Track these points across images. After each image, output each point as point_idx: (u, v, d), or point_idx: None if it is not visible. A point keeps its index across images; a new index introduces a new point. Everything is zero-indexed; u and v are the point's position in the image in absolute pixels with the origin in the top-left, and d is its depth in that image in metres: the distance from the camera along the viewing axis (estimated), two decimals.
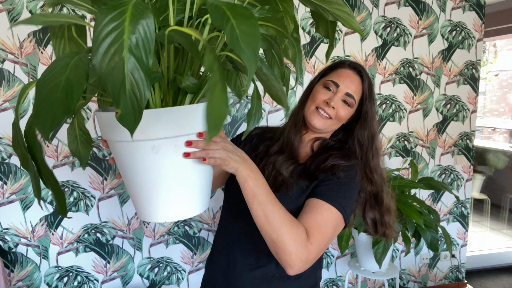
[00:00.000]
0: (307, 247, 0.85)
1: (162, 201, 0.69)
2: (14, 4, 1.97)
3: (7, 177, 2.07)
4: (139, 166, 0.67)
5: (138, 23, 0.45)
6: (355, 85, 1.04)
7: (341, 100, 1.02)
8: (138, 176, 0.68)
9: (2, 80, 2.00)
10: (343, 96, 1.02)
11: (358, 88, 1.04)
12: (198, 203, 0.73)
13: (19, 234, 2.10)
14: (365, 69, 1.08)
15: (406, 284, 2.80)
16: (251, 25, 0.46)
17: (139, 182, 0.68)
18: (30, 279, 2.15)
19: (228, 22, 0.46)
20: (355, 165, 1.03)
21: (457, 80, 2.70)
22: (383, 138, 2.61)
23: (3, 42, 1.98)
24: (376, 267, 2.09)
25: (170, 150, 0.66)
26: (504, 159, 4.60)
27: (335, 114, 1.02)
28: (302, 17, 2.37)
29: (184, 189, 0.70)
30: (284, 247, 0.83)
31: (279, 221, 0.83)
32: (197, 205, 0.73)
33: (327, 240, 0.91)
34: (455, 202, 2.80)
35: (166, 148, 0.65)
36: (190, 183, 0.71)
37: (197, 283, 2.38)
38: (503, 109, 7.34)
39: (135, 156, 0.66)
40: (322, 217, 0.91)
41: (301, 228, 0.87)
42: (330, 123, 1.03)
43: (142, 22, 0.45)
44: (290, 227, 0.84)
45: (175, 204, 0.70)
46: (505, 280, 3.07)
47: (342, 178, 0.98)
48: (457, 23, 2.64)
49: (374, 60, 2.52)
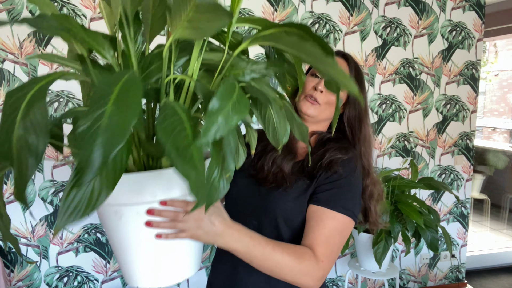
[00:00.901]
0: (319, 268, 0.86)
1: (139, 266, 0.64)
2: (14, 4, 1.97)
3: (7, 177, 2.07)
4: (109, 229, 0.64)
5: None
6: (341, 68, 1.04)
7: None
8: (111, 238, 0.65)
9: (2, 80, 2.00)
10: None
11: (345, 70, 1.04)
12: (182, 269, 0.66)
13: (19, 234, 2.10)
14: (352, 57, 1.08)
15: (406, 284, 2.80)
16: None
17: (113, 244, 0.66)
18: (30, 279, 2.15)
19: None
20: (353, 158, 1.01)
21: (457, 80, 2.70)
22: (383, 138, 2.61)
23: (3, 42, 1.98)
24: (376, 267, 2.09)
25: (133, 218, 0.61)
26: (504, 159, 4.60)
27: (325, 98, 1.01)
28: (302, 17, 2.37)
29: (160, 256, 0.64)
30: (300, 282, 0.84)
31: (286, 267, 0.82)
32: (180, 271, 0.66)
33: (337, 250, 0.91)
34: (455, 202, 2.80)
35: (128, 215, 0.61)
36: (166, 250, 0.65)
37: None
38: (503, 109, 7.34)
39: (103, 219, 0.64)
40: (328, 229, 0.90)
41: (307, 255, 0.86)
42: (320, 108, 1.01)
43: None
44: (298, 264, 0.83)
45: (154, 270, 0.65)
46: (505, 280, 3.07)
47: (342, 175, 0.96)
48: (457, 23, 2.64)
49: (374, 60, 2.52)
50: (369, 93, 2.54)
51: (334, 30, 2.43)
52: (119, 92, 0.42)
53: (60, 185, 2.14)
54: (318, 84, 1.00)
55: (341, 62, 1.05)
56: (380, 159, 2.62)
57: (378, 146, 2.61)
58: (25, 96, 0.44)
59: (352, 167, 0.99)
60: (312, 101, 1.01)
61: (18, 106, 0.43)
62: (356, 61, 1.08)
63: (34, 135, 0.42)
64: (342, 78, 0.45)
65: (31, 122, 0.43)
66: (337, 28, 2.43)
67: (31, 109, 0.43)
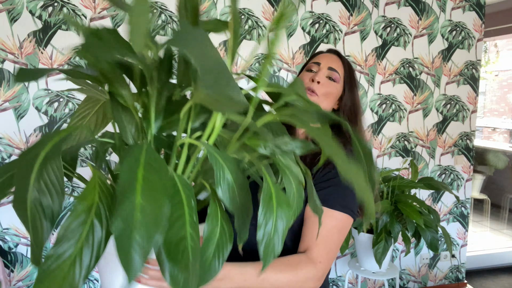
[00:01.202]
0: (318, 269, 0.86)
1: None
2: (14, 4, 1.97)
3: None
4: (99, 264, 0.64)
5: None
6: (335, 62, 1.05)
7: (325, 77, 1.03)
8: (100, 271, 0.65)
9: (2, 80, 2.00)
10: (327, 71, 1.03)
11: (339, 64, 1.06)
12: None
13: (19, 234, 2.10)
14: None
15: (406, 284, 2.80)
16: None
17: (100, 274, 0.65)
18: (30, 279, 2.15)
19: None
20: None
21: (457, 80, 2.70)
22: (383, 138, 2.61)
23: (3, 42, 1.98)
24: (376, 267, 2.09)
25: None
26: (504, 159, 4.60)
27: (322, 89, 1.02)
28: (302, 17, 2.37)
29: None
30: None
31: (284, 284, 0.83)
32: None
33: (335, 248, 0.91)
34: (455, 202, 2.80)
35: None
36: None
37: None
38: (503, 109, 7.34)
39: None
40: (325, 229, 0.90)
41: (302, 263, 0.86)
42: (319, 100, 1.02)
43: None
44: (294, 276, 0.83)
45: None
46: (505, 280, 3.07)
47: (338, 173, 0.96)
48: (457, 23, 2.64)
49: (374, 60, 2.52)
50: (369, 93, 2.54)
51: (334, 30, 2.43)
52: (144, 178, 0.40)
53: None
54: (315, 76, 1.02)
55: (333, 57, 1.07)
56: (380, 159, 2.62)
57: (378, 146, 2.61)
58: (38, 156, 0.42)
59: None
60: (310, 93, 1.02)
61: (31, 166, 0.41)
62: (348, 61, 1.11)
63: (49, 197, 0.41)
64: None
65: (45, 183, 0.41)
66: (337, 28, 2.43)
67: (44, 169, 0.41)
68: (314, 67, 1.05)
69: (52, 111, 2.09)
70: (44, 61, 2.04)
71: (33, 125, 2.07)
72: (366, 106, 2.54)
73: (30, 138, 2.07)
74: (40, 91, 2.06)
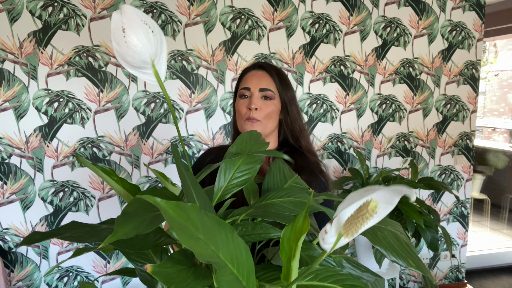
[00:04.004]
0: None
1: None
2: (14, 4, 1.97)
3: (7, 177, 2.07)
4: None
5: None
6: (264, 79, 1.04)
7: (260, 99, 1.03)
8: None
9: (2, 80, 2.00)
10: (259, 93, 1.03)
11: (268, 80, 1.04)
12: None
13: (19, 234, 2.10)
14: (269, 63, 1.09)
15: (406, 284, 2.80)
16: None
17: None
18: (30, 279, 2.15)
19: None
20: (322, 180, 1.01)
21: (457, 80, 2.70)
22: (383, 138, 2.61)
23: (3, 42, 1.98)
24: (376, 267, 2.09)
25: None
26: (504, 159, 4.61)
27: (262, 113, 1.01)
28: (302, 17, 2.37)
29: None
30: None
31: None
32: None
33: None
34: (455, 202, 2.80)
35: None
36: None
37: None
38: (503, 109, 7.34)
39: None
40: None
41: None
42: (262, 124, 1.02)
43: None
44: None
45: None
46: (505, 280, 3.07)
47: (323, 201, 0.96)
48: (457, 23, 2.64)
49: (374, 60, 2.52)
50: (369, 93, 2.54)
51: (334, 30, 2.43)
52: None
53: (60, 185, 2.13)
54: (250, 103, 1.01)
55: (260, 74, 1.05)
56: (380, 159, 2.62)
57: (378, 146, 2.61)
58: None
59: (323, 187, 0.99)
60: (252, 122, 1.01)
61: None
62: (274, 65, 1.09)
63: None
64: None
65: None
66: (337, 28, 2.43)
67: None
68: (246, 92, 1.04)
69: (52, 111, 2.09)
70: (44, 61, 2.05)
71: (33, 125, 2.07)
72: (366, 106, 2.54)
73: (30, 138, 2.08)
74: (40, 91, 2.06)
